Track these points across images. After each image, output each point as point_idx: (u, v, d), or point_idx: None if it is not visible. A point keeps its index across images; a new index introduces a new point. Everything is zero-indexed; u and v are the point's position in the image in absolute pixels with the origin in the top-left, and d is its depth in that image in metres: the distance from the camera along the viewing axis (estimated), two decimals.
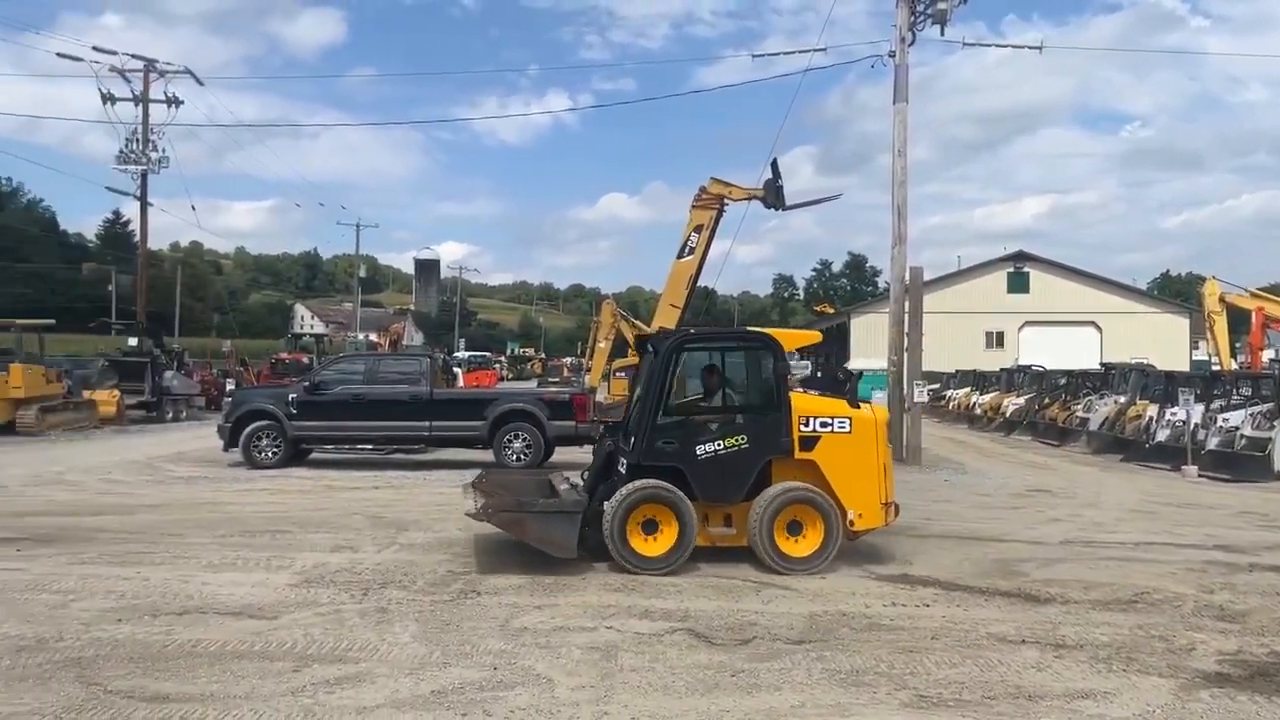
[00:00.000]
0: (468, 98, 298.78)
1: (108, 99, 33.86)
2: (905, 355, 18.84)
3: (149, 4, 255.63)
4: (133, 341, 31.01)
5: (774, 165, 18.39)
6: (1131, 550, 9.81)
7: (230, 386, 28.65)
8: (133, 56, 34.39)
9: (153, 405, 27.78)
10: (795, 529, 8.33)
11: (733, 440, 8.41)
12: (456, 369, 38.34)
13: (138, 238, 39.07)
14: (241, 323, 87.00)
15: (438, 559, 8.67)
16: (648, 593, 7.51)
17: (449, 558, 8.71)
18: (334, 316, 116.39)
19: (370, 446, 17.84)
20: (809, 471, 8.44)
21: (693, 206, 18.24)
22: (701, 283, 19.38)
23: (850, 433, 8.49)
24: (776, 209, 18.48)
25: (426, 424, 16.40)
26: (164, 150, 34.52)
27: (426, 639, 6.21)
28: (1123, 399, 22.36)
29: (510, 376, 61.11)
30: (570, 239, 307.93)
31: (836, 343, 55.72)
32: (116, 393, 26.23)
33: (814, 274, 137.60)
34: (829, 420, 8.48)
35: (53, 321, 26.85)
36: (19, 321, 24.27)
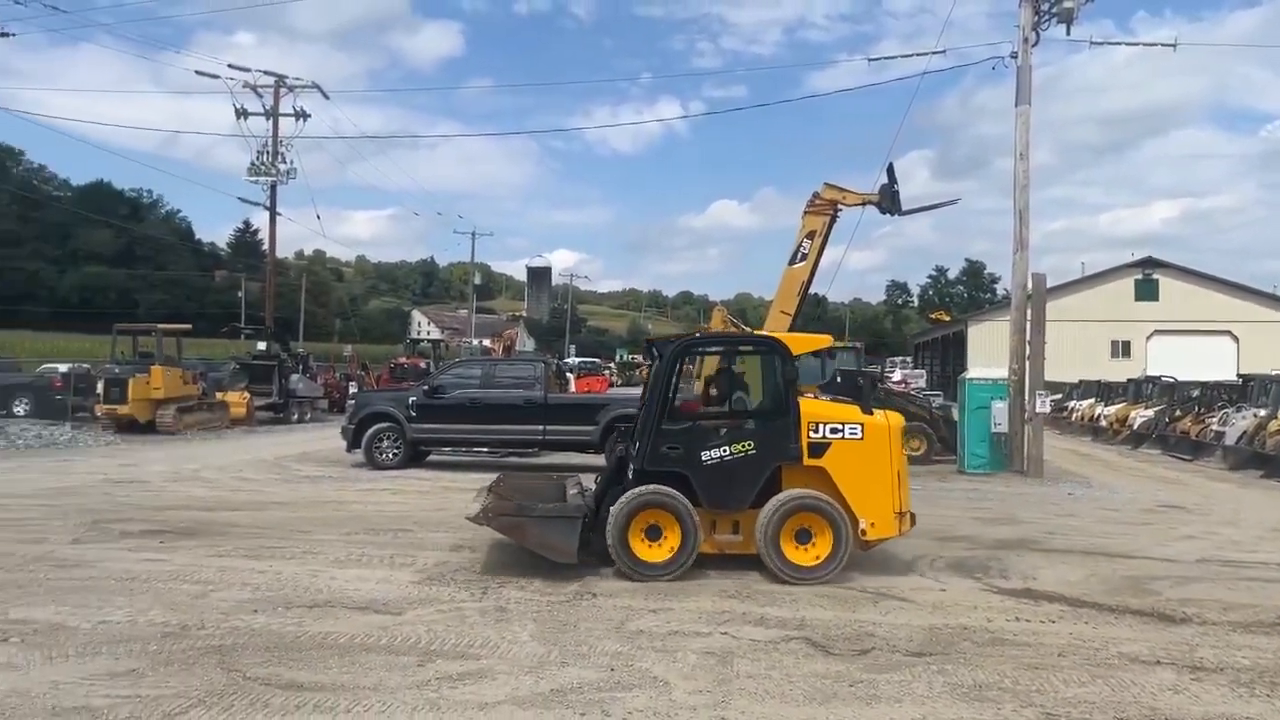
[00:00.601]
0: (581, 107, 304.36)
1: (241, 114, 35.49)
2: (1027, 364, 18.28)
3: (279, 22, 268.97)
4: (261, 346, 32.42)
5: (890, 170, 18.03)
6: (1275, 571, 9.27)
7: (353, 390, 29.60)
8: (265, 73, 36.04)
9: (279, 407, 28.92)
10: (804, 537, 8.13)
11: (740, 446, 8.26)
12: (568, 374, 38.81)
13: (266, 246, 40.83)
14: (361, 328, 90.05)
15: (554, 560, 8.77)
16: (762, 600, 7.48)
17: None
18: (449, 322, 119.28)
19: (486, 449, 18.25)
20: (819, 479, 8.22)
21: (805, 212, 18.00)
22: (813, 290, 19.13)
23: (862, 439, 8.21)
24: (892, 214, 18.09)
25: (540, 428, 16.66)
26: (291, 162, 36.07)
27: (544, 638, 6.32)
28: (1263, 412, 21.18)
29: (620, 382, 61.50)
30: (679, 246, 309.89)
31: (954, 350, 54.39)
32: (246, 394, 27.42)
33: (929, 281, 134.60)
34: (839, 426, 8.22)
35: (189, 326, 28.15)
36: (160, 326, 25.63)
